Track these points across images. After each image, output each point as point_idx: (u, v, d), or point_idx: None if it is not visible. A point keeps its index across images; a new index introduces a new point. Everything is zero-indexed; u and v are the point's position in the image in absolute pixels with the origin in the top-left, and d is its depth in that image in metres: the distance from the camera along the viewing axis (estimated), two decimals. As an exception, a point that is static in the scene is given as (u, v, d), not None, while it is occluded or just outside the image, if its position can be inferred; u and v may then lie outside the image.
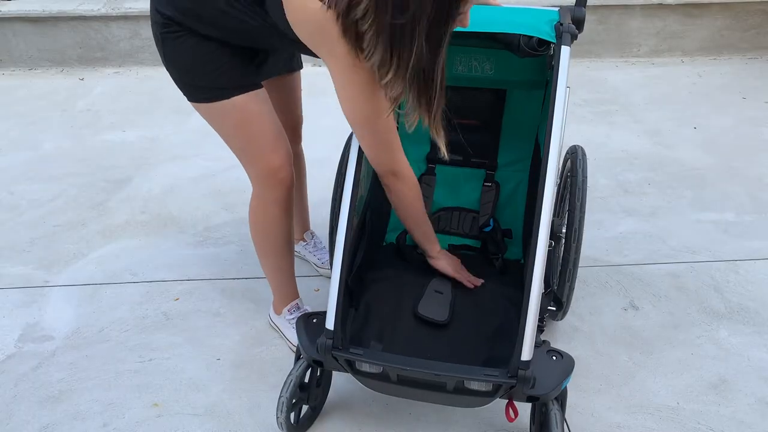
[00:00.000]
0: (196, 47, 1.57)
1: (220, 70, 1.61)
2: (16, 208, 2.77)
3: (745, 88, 3.79)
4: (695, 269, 2.37)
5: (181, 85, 1.67)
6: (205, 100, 1.65)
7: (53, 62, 4.11)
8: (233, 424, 1.81)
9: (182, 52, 1.59)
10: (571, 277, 1.83)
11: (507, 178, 2.13)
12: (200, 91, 1.64)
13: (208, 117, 1.70)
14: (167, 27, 1.57)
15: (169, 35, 1.58)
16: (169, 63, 1.63)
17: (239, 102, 1.64)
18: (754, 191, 2.82)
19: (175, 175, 2.98)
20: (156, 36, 1.62)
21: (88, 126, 3.44)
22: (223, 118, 1.68)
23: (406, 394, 1.59)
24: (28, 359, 2.03)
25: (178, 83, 1.67)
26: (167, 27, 1.57)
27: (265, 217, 1.85)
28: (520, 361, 1.43)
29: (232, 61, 1.62)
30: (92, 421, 1.82)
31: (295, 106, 2.08)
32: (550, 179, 1.52)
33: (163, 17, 1.57)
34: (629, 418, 1.81)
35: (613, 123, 3.41)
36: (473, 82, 2.04)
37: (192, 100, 1.68)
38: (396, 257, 1.98)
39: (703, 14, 4.09)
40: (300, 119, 2.13)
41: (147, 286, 2.32)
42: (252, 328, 2.13)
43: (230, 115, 1.66)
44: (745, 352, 2.02)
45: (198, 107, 1.68)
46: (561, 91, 1.59)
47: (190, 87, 1.65)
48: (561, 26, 1.70)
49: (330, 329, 1.52)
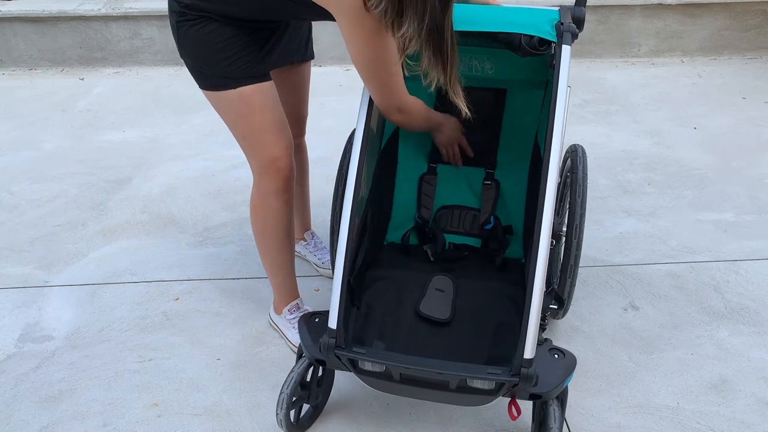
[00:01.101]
0: (212, 34, 1.62)
1: (230, 60, 1.65)
2: (16, 208, 2.77)
3: (745, 88, 3.79)
4: (695, 269, 2.37)
5: (192, 72, 1.74)
6: (212, 88, 1.71)
7: (53, 62, 4.11)
8: (233, 424, 1.81)
9: (195, 40, 1.64)
10: (572, 274, 1.83)
11: (507, 177, 2.13)
12: (209, 79, 1.70)
13: (215, 104, 1.76)
14: (183, 15, 1.63)
15: (184, 23, 1.64)
16: (183, 50, 1.70)
17: (245, 92, 1.69)
18: (754, 191, 2.82)
19: (175, 175, 2.98)
20: (172, 25, 1.68)
21: (88, 126, 3.44)
22: (228, 106, 1.73)
23: (409, 393, 1.59)
24: (28, 359, 2.02)
25: (189, 69, 1.74)
26: (183, 15, 1.63)
27: (264, 208, 1.86)
28: (522, 359, 1.44)
29: (244, 51, 1.66)
30: (92, 421, 1.82)
31: (302, 98, 2.09)
32: (551, 178, 1.52)
33: (180, 5, 1.62)
34: (629, 418, 1.81)
35: (613, 123, 3.41)
36: (473, 81, 2.04)
37: (201, 87, 1.74)
38: (400, 255, 1.99)
39: (703, 14, 4.09)
40: (306, 112, 2.14)
41: (147, 286, 2.32)
42: (252, 328, 2.13)
43: (235, 104, 1.71)
44: (745, 352, 2.02)
45: (206, 94, 1.75)
46: (562, 90, 1.60)
47: (200, 74, 1.71)
48: (561, 26, 1.71)
49: (333, 328, 1.52)
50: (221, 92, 1.70)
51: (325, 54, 3.81)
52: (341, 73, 3.94)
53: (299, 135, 2.14)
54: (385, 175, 2.07)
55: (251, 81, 1.69)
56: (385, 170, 2.05)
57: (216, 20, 1.62)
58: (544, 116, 1.99)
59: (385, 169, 2.04)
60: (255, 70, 1.70)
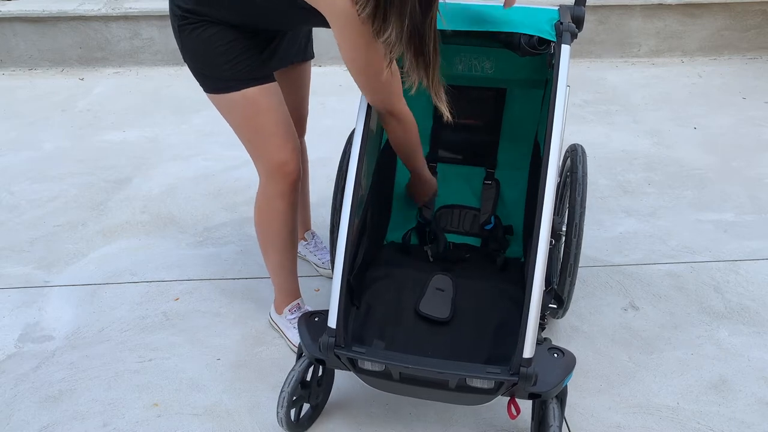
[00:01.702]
0: (213, 38, 1.62)
1: (231, 63, 1.65)
2: (16, 208, 2.77)
3: (745, 88, 3.79)
4: (695, 269, 2.37)
5: (195, 75, 1.74)
6: (215, 91, 1.71)
7: (53, 62, 4.11)
8: (233, 424, 1.80)
9: (198, 43, 1.64)
10: (572, 273, 1.83)
11: (507, 176, 2.14)
12: (211, 82, 1.70)
13: (219, 107, 1.75)
14: (185, 19, 1.63)
15: (186, 27, 1.64)
16: (185, 53, 1.70)
17: (249, 95, 1.68)
18: (754, 191, 2.82)
19: (175, 175, 2.98)
20: (174, 28, 1.68)
21: (88, 126, 3.44)
22: (232, 109, 1.73)
23: (409, 392, 1.59)
24: (28, 359, 2.02)
25: (192, 72, 1.74)
26: (185, 19, 1.63)
27: (269, 210, 1.86)
28: (522, 359, 1.44)
29: (245, 54, 1.66)
30: (92, 421, 1.82)
31: (302, 98, 2.09)
32: (551, 177, 1.52)
33: (182, 10, 1.63)
34: (629, 418, 1.81)
35: (613, 123, 3.41)
36: (473, 81, 2.05)
37: (205, 90, 1.74)
38: (400, 254, 1.99)
39: (703, 14, 4.09)
40: (306, 112, 2.14)
41: (147, 286, 2.32)
42: (252, 328, 2.13)
43: (239, 106, 1.71)
44: (745, 352, 2.02)
45: (210, 97, 1.74)
46: (561, 89, 1.60)
47: (203, 77, 1.72)
48: (561, 25, 1.71)
49: (332, 328, 1.52)
50: (225, 95, 1.69)
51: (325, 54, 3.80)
52: (341, 73, 3.94)
53: (300, 134, 2.14)
54: (385, 175, 2.07)
55: (254, 83, 1.68)
56: (385, 170, 2.05)
57: (217, 24, 1.62)
58: (543, 116, 1.99)
59: (384, 169, 2.04)
60: (257, 72, 1.69)
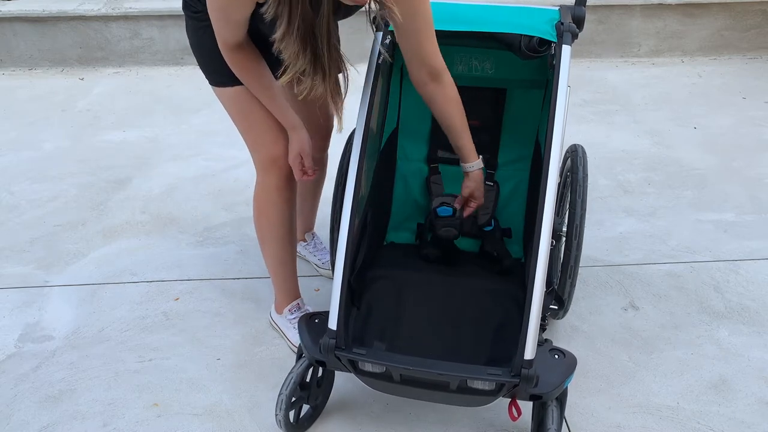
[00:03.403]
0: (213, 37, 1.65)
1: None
2: (16, 208, 2.77)
3: (745, 88, 3.79)
4: (695, 269, 2.37)
5: (200, 66, 1.81)
6: (215, 84, 1.78)
7: (53, 62, 4.11)
8: (233, 424, 1.80)
9: (202, 37, 1.70)
10: (572, 274, 1.83)
11: (507, 177, 2.13)
12: (214, 74, 1.77)
13: (220, 99, 1.82)
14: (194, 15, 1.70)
15: (193, 23, 1.71)
16: (192, 46, 1.78)
17: (244, 90, 1.73)
18: (754, 191, 2.82)
19: (175, 175, 2.98)
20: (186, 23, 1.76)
21: (88, 126, 3.44)
22: (230, 102, 1.80)
23: (409, 394, 1.59)
24: (28, 359, 2.02)
25: (198, 64, 1.81)
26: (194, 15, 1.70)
27: (266, 202, 1.88)
28: (523, 360, 1.44)
29: None
30: (92, 421, 1.82)
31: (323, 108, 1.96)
32: (551, 178, 1.52)
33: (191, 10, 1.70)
34: (629, 418, 1.81)
35: (613, 123, 3.41)
36: (473, 81, 2.04)
37: (209, 82, 1.81)
38: (400, 255, 1.98)
39: (703, 14, 4.09)
40: (331, 125, 2.05)
41: (147, 286, 2.32)
42: (252, 328, 2.13)
43: (235, 100, 1.77)
44: (745, 352, 2.02)
45: (213, 89, 1.81)
46: (562, 90, 1.60)
47: (204, 69, 1.80)
48: (562, 25, 1.71)
49: (333, 329, 1.52)
50: (223, 88, 1.77)
51: (325, 54, 3.80)
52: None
53: (323, 149, 2.10)
54: (385, 175, 2.07)
55: None
56: (385, 170, 2.05)
57: None
58: (544, 116, 1.99)
59: (384, 169, 2.04)
60: None
